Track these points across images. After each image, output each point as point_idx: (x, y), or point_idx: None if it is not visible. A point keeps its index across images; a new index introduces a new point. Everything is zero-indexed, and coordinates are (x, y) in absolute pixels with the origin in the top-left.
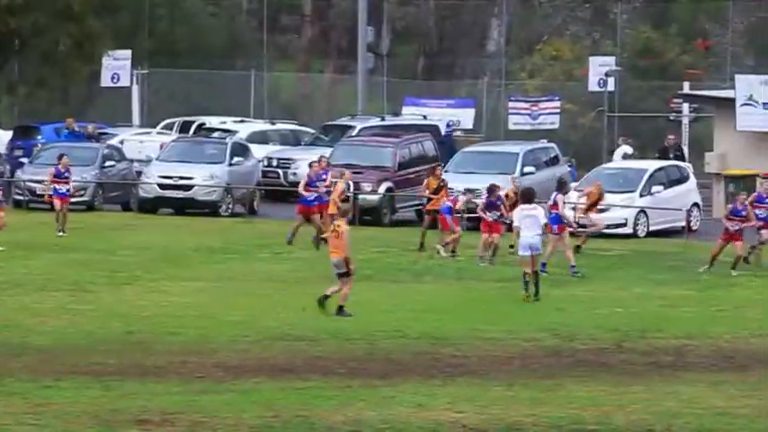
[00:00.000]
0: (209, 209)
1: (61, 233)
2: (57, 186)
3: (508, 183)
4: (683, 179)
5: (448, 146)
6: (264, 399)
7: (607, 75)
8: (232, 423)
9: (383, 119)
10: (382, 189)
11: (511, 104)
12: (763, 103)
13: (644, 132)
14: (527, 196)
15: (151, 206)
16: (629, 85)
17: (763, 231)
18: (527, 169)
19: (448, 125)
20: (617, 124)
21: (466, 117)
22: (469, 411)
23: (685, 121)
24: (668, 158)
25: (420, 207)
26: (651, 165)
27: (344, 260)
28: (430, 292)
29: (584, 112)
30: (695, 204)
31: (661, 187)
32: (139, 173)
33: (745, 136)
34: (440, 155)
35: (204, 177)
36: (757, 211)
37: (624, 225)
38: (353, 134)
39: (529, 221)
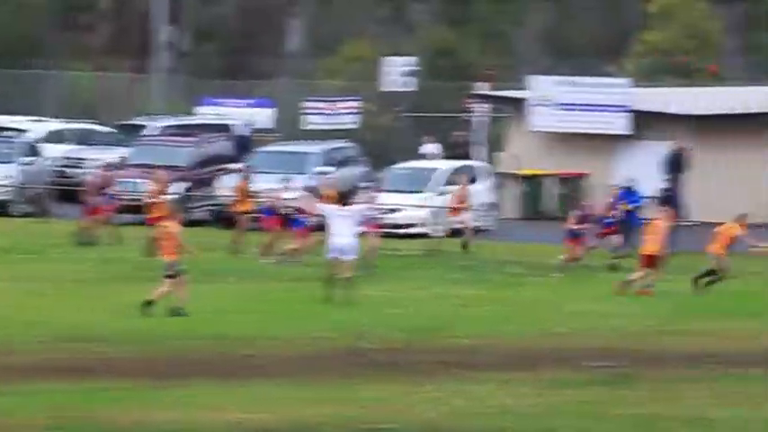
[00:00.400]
0: None
1: None
2: None
3: (311, 181)
4: (477, 179)
5: (245, 146)
6: (54, 400)
7: (405, 75)
8: (18, 425)
9: (177, 119)
10: (179, 189)
11: (308, 104)
12: (557, 104)
13: (444, 132)
14: (341, 197)
15: None
16: (428, 85)
17: (614, 238)
18: (325, 169)
19: (246, 125)
20: (416, 124)
21: (263, 117)
22: (261, 412)
23: (479, 120)
24: (455, 156)
25: (215, 207)
26: (444, 164)
27: (173, 262)
28: (230, 293)
29: (382, 113)
30: (489, 204)
31: (456, 187)
32: None
33: (538, 136)
34: (237, 155)
35: None
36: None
37: (417, 225)
38: (148, 134)
39: (341, 223)
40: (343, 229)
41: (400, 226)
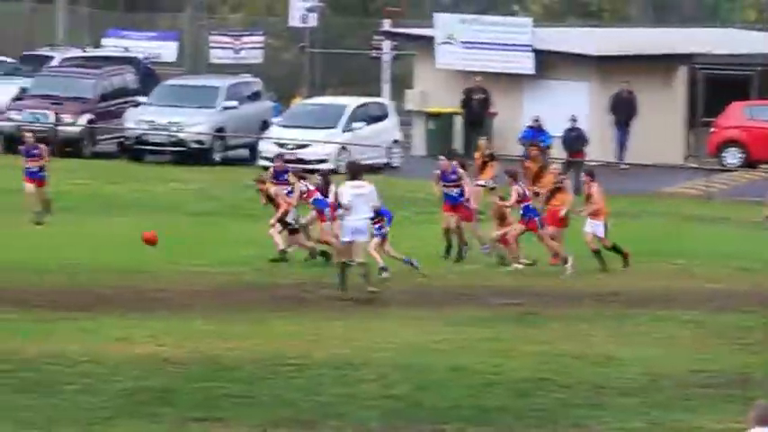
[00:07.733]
0: None
1: None
2: None
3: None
4: (383, 116)
5: (150, 78)
6: None
7: (309, 10)
8: None
9: (84, 50)
10: (83, 120)
11: (212, 38)
12: (461, 42)
13: (349, 69)
14: (354, 171)
15: None
16: (331, 21)
17: None
18: (229, 103)
19: (146, 57)
20: (320, 60)
21: (168, 50)
22: (170, 345)
23: (386, 58)
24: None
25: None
26: (352, 101)
27: None
28: (131, 225)
29: (286, 48)
30: (396, 141)
31: (362, 123)
32: None
33: (445, 74)
34: (142, 88)
35: None
36: None
37: (326, 161)
38: (53, 65)
39: (358, 201)
40: (359, 207)
41: (308, 161)
